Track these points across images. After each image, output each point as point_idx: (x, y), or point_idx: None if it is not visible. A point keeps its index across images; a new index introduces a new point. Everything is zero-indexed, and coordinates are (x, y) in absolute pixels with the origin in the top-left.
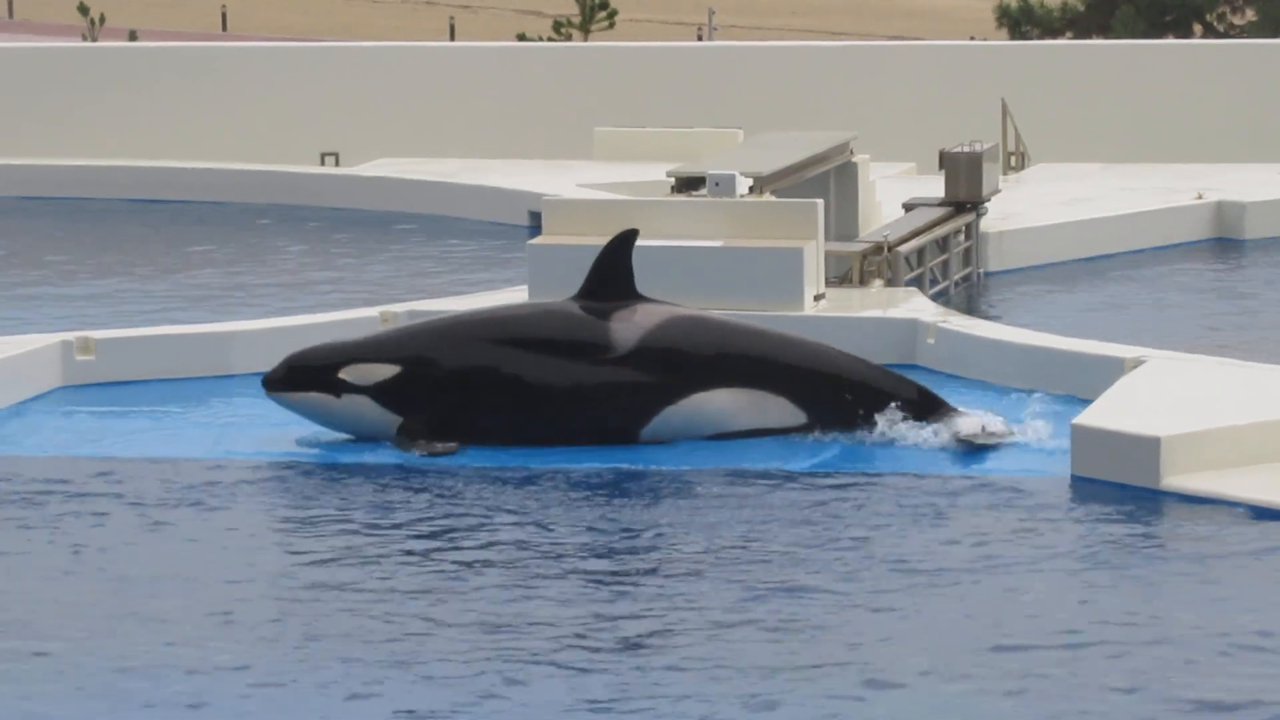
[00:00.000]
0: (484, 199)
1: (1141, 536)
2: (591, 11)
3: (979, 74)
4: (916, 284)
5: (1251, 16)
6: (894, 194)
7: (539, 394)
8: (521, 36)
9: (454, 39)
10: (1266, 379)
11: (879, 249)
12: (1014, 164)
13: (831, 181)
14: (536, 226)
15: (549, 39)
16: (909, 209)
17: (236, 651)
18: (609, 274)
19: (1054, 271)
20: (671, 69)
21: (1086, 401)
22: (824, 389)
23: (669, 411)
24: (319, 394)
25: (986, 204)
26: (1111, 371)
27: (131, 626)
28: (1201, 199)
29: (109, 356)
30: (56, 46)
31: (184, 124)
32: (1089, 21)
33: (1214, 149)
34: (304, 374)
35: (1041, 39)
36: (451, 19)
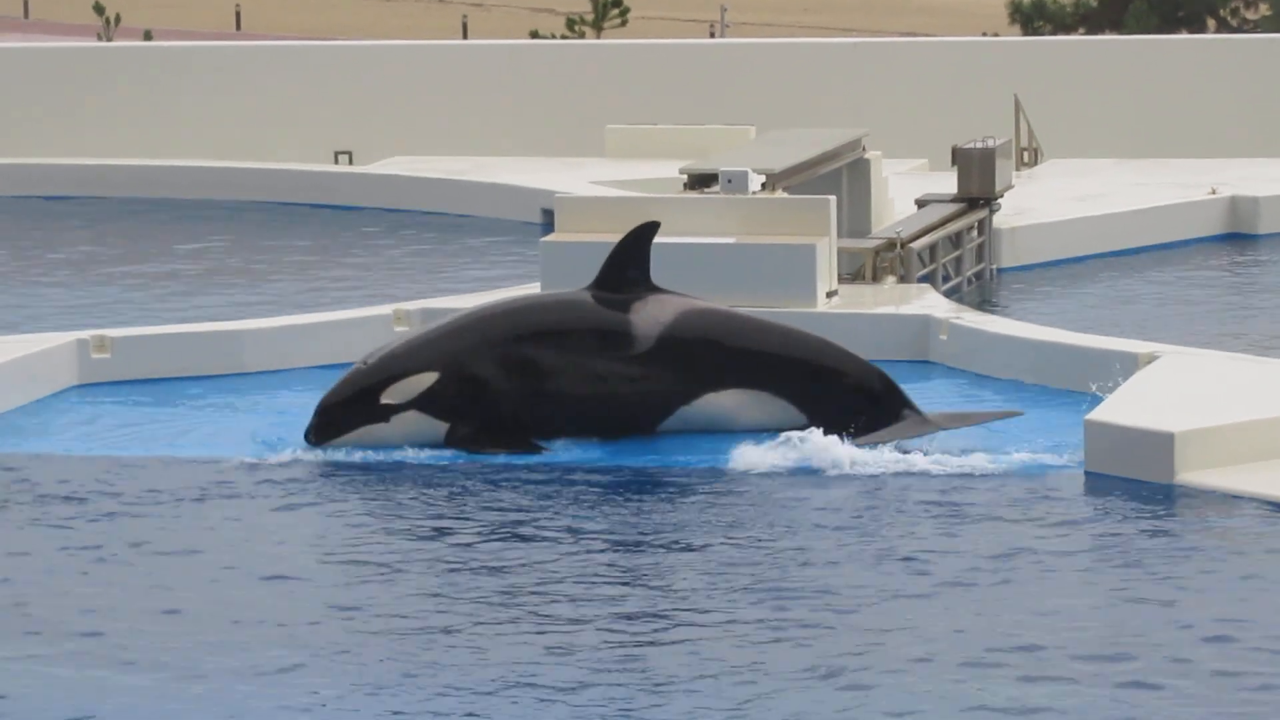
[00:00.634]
0: (497, 197)
1: (1155, 532)
2: (604, 9)
3: (991, 70)
4: (929, 280)
5: (1265, 11)
6: (907, 190)
7: (569, 387)
8: (534, 34)
9: (466, 37)
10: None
11: (892, 245)
12: (1027, 160)
13: (844, 178)
14: (549, 224)
15: (562, 37)
16: (922, 205)
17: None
18: (627, 265)
19: (1067, 267)
20: (684, 66)
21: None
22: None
23: (688, 408)
24: (369, 426)
25: (999, 200)
26: (1125, 367)
27: (156, 625)
28: (1215, 194)
29: (124, 355)
30: (71, 46)
31: (198, 123)
32: (1101, 17)
33: (1227, 144)
34: (345, 413)
35: (1054, 34)
36: (464, 17)
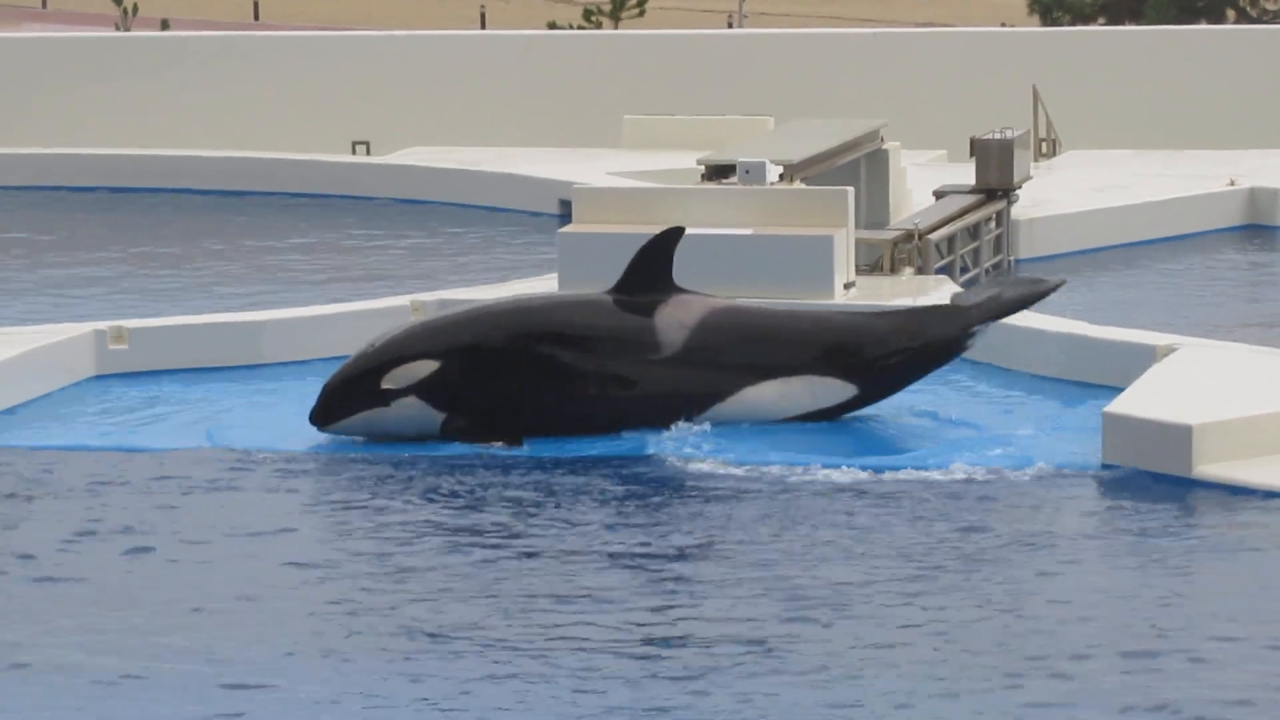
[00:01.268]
0: (514, 187)
1: (1172, 525)
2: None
3: (1010, 61)
4: (947, 271)
5: None
6: (925, 181)
7: (589, 388)
8: (552, 25)
9: (485, 28)
10: None
11: (910, 236)
12: (1045, 151)
13: (862, 169)
14: (567, 215)
15: (579, 27)
16: (940, 196)
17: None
18: (650, 270)
19: (1085, 259)
20: (701, 56)
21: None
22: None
23: (724, 404)
24: (369, 410)
25: (1018, 191)
26: (1143, 359)
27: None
28: (1234, 185)
29: (142, 346)
30: (88, 36)
31: (215, 113)
32: (1120, 7)
33: (1247, 135)
34: (347, 397)
35: (1073, 25)
36: (482, 7)
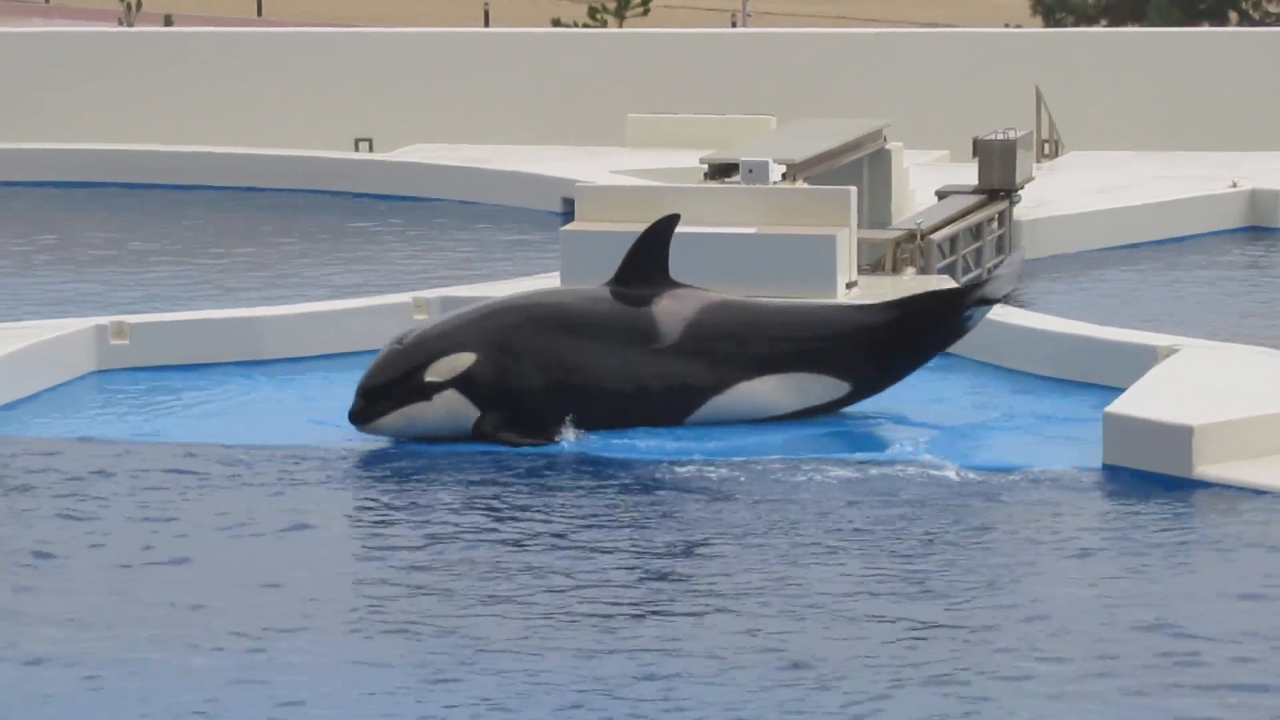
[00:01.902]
0: (517, 185)
1: (1173, 526)
2: None
3: (1013, 61)
4: (949, 272)
5: None
6: (927, 181)
7: (592, 381)
8: (556, 23)
9: (488, 25)
10: None
11: (912, 236)
12: (1047, 151)
13: (865, 169)
14: (570, 213)
15: (584, 25)
16: (942, 196)
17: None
18: (647, 259)
19: (1087, 259)
20: (705, 55)
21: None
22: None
23: (720, 398)
24: (411, 405)
25: (1020, 191)
26: (1144, 360)
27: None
28: (1236, 187)
29: (143, 341)
30: (92, 31)
31: (218, 109)
32: (1123, 9)
33: (1249, 137)
34: (389, 393)
35: (1076, 26)
36: (486, 5)
